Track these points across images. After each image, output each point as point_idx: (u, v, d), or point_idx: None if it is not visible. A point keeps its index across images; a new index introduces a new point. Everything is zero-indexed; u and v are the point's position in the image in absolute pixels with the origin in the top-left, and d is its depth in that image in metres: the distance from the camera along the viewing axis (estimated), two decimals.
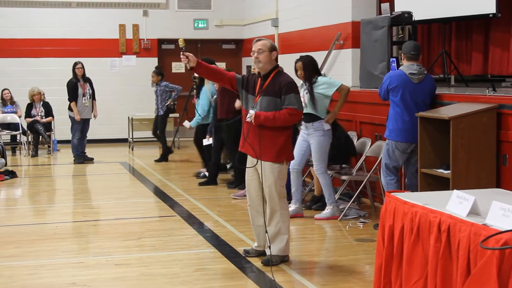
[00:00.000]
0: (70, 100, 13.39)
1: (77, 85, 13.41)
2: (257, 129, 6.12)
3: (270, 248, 6.15)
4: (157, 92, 13.61)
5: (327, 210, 8.19)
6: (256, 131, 6.12)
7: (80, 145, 13.64)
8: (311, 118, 8.08)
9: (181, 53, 6.10)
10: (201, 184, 10.66)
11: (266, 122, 6.07)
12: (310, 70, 8.09)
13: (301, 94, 6.81)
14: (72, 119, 13.53)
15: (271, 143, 6.12)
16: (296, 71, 8.22)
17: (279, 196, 6.19)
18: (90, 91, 13.60)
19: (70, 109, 13.48)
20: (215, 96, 10.61)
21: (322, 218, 8.14)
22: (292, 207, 8.12)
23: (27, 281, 5.90)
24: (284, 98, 6.07)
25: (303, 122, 8.19)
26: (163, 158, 13.58)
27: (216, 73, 6.35)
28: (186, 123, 11.39)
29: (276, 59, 6.23)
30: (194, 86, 10.94)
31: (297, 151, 8.21)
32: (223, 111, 10.10)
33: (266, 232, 6.19)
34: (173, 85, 13.87)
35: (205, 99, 11.05)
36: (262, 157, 6.13)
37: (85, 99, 13.47)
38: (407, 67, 7.44)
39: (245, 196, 9.15)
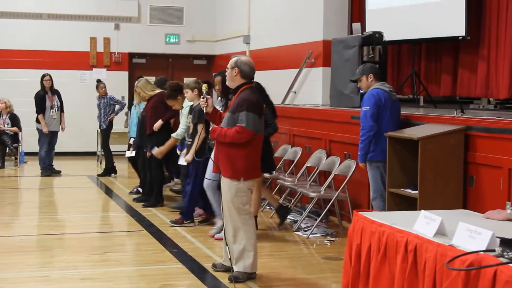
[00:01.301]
0: (37, 112, 13.25)
1: (45, 97, 13.28)
2: (217, 145, 6.21)
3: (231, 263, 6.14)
4: (100, 106, 13.41)
5: (220, 224, 7.60)
6: (218, 147, 6.20)
7: (48, 158, 13.49)
8: None
9: (202, 96, 6.18)
10: (138, 200, 10.41)
11: (219, 137, 6.13)
12: (227, 86, 7.87)
13: (218, 108, 6.71)
14: (39, 131, 13.39)
15: (228, 160, 6.12)
16: (214, 85, 8.23)
17: (238, 213, 6.15)
18: (58, 103, 13.48)
19: (37, 121, 13.35)
20: (142, 110, 10.35)
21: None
22: (219, 223, 7.73)
23: None
24: (238, 115, 6.07)
25: None
26: (107, 172, 13.43)
27: None
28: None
29: (243, 75, 6.18)
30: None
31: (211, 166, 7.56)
32: (150, 127, 9.78)
33: (227, 244, 6.20)
34: (117, 98, 13.82)
35: None
36: (221, 172, 6.17)
37: (53, 112, 13.35)
38: (382, 85, 7.44)
39: (199, 216, 9.00)
